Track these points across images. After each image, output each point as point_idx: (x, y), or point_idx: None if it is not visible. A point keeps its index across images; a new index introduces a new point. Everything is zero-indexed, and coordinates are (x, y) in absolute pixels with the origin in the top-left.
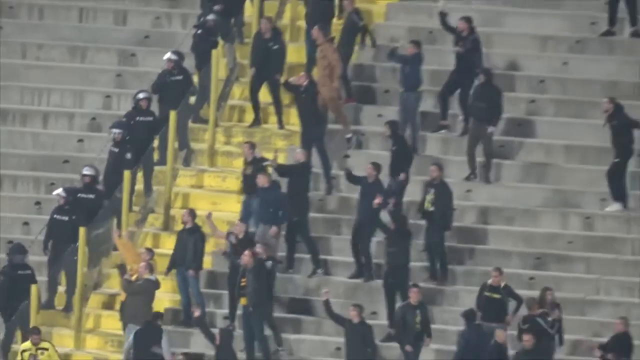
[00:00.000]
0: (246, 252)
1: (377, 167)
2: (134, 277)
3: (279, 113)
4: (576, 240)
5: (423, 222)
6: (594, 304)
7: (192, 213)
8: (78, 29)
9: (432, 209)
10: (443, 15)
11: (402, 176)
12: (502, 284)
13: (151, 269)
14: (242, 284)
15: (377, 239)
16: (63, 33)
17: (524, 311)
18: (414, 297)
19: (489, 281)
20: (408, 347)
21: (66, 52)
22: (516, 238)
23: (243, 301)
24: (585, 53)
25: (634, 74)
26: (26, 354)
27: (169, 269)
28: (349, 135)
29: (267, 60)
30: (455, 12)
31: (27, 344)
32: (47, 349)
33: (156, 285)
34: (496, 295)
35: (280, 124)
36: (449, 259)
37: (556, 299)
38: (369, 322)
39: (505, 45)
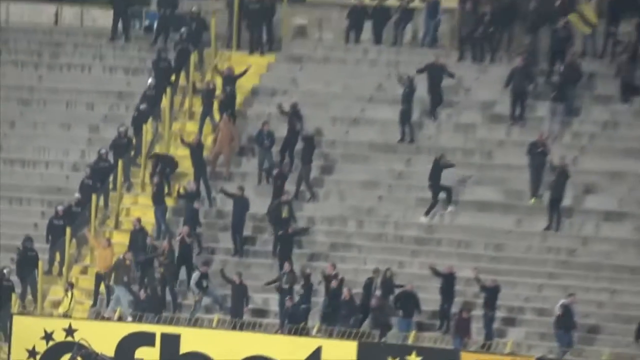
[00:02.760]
0: (164, 242)
1: (242, 189)
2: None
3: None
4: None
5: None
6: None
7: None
8: (67, 114)
9: (287, 215)
10: (280, 109)
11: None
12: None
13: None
14: (162, 259)
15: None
16: (57, 117)
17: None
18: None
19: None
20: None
21: (59, 128)
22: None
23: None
24: (380, 102)
25: None
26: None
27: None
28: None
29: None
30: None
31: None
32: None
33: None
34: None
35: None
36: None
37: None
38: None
39: (316, 121)
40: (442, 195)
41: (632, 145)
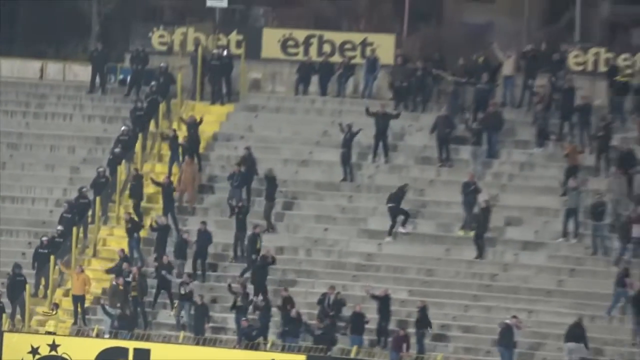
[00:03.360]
0: (134, 268)
1: (204, 223)
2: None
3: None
4: None
5: None
6: None
7: None
8: (51, 157)
9: (260, 246)
10: (241, 161)
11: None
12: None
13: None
14: (133, 283)
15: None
16: (42, 160)
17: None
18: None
19: None
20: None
21: (44, 169)
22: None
23: (134, 293)
24: (325, 146)
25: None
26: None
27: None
28: (189, 210)
29: (134, 193)
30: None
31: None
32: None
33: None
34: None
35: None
36: None
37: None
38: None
39: (269, 163)
40: (400, 217)
41: (546, 183)
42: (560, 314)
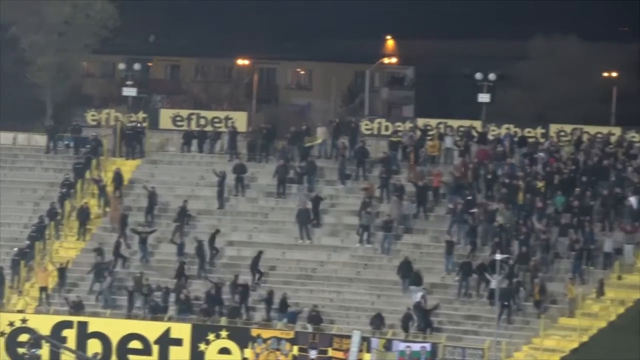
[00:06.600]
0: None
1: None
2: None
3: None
4: None
5: None
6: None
7: None
8: (21, 195)
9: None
10: (145, 187)
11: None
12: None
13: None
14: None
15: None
16: (14, 198)
17: None
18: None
19: None
20: None
21: (16, 204)
22: None
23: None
24: (202, 186)
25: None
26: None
27: None
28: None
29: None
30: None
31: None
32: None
33: None
34: None
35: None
36: None
37: None
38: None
39: (166, 197)
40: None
41: (347, 208)
42: (358, 293)
